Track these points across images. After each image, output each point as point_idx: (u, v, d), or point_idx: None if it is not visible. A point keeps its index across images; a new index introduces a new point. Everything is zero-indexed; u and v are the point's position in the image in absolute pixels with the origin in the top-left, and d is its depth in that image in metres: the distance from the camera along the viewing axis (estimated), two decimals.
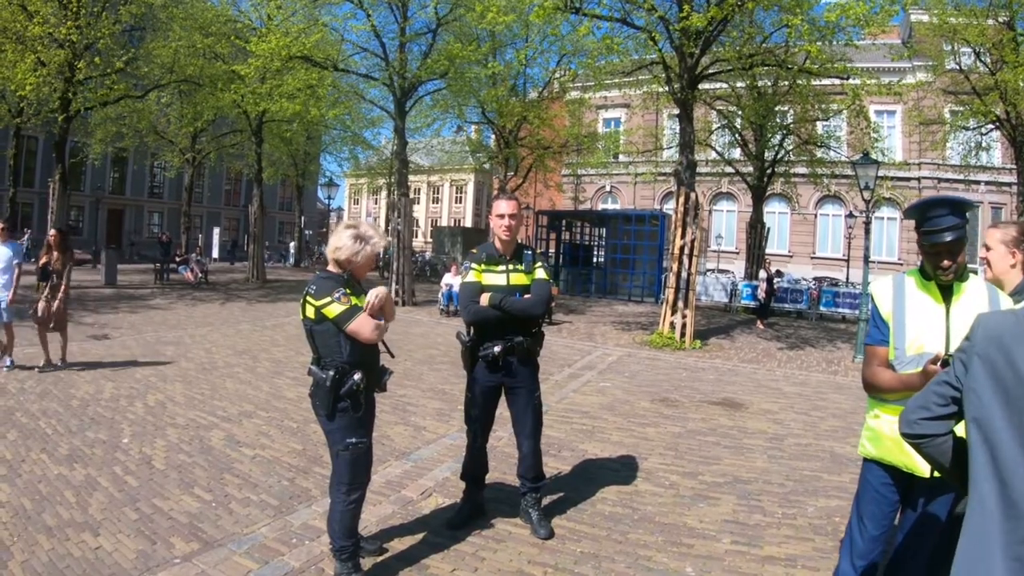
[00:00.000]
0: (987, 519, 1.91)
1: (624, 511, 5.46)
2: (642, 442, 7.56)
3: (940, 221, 3.03)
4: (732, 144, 29.12)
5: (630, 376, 11.95)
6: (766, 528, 5.03)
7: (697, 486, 6.18)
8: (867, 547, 3.25)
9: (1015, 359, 1.89)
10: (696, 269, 16.66)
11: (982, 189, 38.79)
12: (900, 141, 40.45)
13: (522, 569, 4.44)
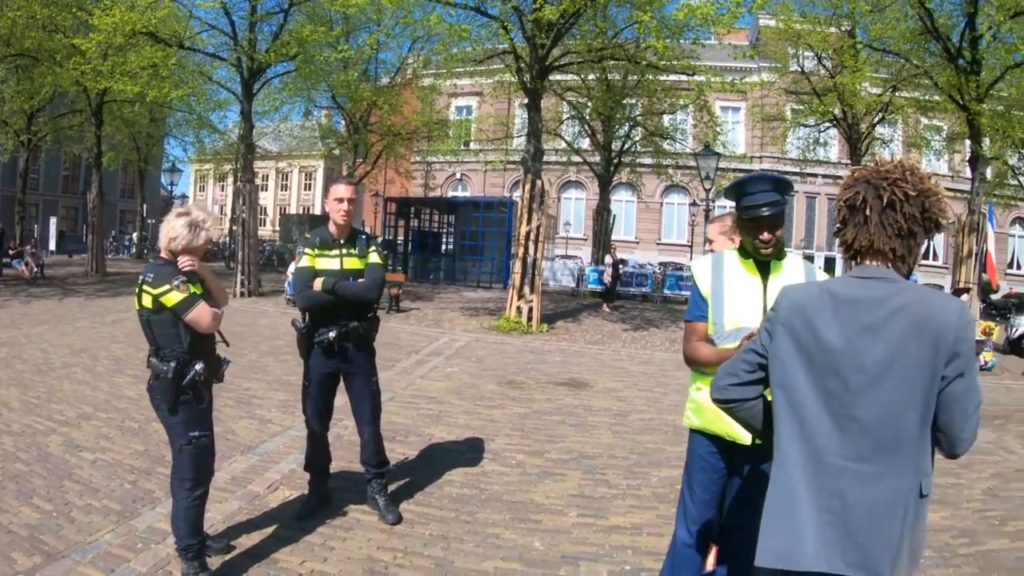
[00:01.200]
0: (794, 477, 2.25)
1: (472, 492, 5.70)
2: (489, 424, 7.85)
3: (759, 197, 3.30)
4: (581, 134, 30.01)
5: (477, 361, 12.25)
6: (611, 500, 5.38)
7: (543, 464, 6.52)
8: (699, 513, 3.57)
9: (817, 328, 2.22)
10: (542, 255, 17.15)
11: (819, 181, 41.94)
12: (744, 135, 43.24)
13: (371, 556, 4.60)
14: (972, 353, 2.17)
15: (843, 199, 2.34)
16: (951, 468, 7.88)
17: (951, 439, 2.18)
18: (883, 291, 2.19)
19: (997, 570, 5.21)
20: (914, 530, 2.17)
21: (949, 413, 2.15)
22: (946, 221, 2.34)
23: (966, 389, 2.14)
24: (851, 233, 2.30)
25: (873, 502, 2.14)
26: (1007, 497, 7.12)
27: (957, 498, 6.81)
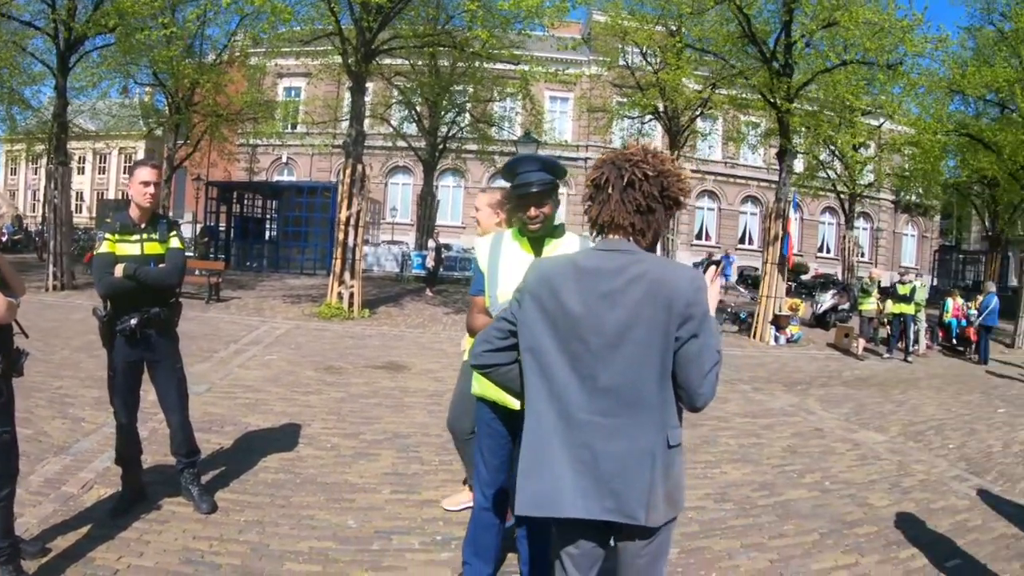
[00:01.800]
0: (547, 432, 2.44)
1: (287, 477, 5.69)
2: (305, 410, 7.82)
3: (530, 175, 3.50)
4: (408, 119, 29.86)
5: (296, 348, 12.12)
6: (424, 476, 5.50)
7: (358, 445, 6.60)
8: (491, 477, 3.76)
9: (561, 296, 2.41)
10: (362, 240, 17.04)
11: None
12: (570, 125, 44.12)
13: (188, 546, 4.52)
14: (705, 316, 2.39)
15: (590, 178, 2.54)
16: (754, 430, 8.59)
17: (690, 394, 2.39)
18: (622, 261, 2.39)
19: (795, 516, 5.76)
20: (667, 478, 2.40)
21: (686, 371, 2.36)
22: (685, 199, 2.57)
23: (700, 349, 2.35)
24: (595, 209, 2.49)
25: (621, 453, 2.36)
26: (805, 453, 7.82)
27: (758, 456, 7.43)
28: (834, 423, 9.60)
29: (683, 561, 4.74)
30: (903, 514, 6.19)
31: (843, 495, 6.49)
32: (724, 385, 11.28)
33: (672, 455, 2.42)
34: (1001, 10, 23.88)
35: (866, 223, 52.66)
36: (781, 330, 17.91)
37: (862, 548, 5.32)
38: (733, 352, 15.41)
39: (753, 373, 13.14)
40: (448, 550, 4.56)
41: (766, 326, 17.89)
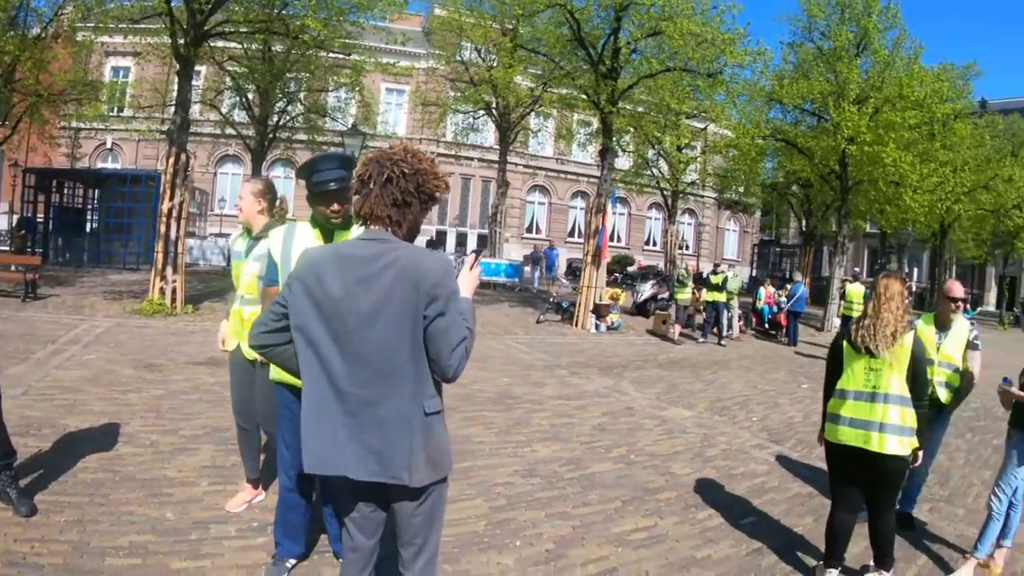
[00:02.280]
0: (319, 402, 2.73)
1: (106, 475, 5.64)
2: (124, 408, 7.68)
3: (328, 173, 3.77)
4: (239, 106, 28.84)
5: (116, 346, 11.73)
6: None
7: (177, 441, 6.59)
8: (293, 458, 3.91)
9: (324, 280, 2.67)
10: (185, 232, 16.55)
11: (475, 164, 44.01)
12: (405, 118, 44.20)
13: (9, 549, 4.42)
14: (452, 296, 2.70)
15: (357, 175, 2.82)
16: (567, 411, 9.10)
17: (440, 367, 2.70)
18: (378, 249, 2.68)
19: (599, 487, 6.24)
20: (427, 443, 2.73)
21: (435, 346, 2.67)
22: (441, 195, 2.90)
23: (447, 326, 2.66)
24: (360, 202, 2.77)
25: (381, 420, 2.66)
26: (614, 430, 8.38)
27: (568, 434, 7.91)
28: (645, 402, 10.27)
29: (489, 531, 5.06)
30: (704, 480, 6.82)
31: (647, 466, 7.05)
32: (541, 371, 11.87)
33: (430, 422, 2.74)
34: (821, 30, 25.74)
35: (691, 218, 55.53)
36: (601, 318, 18.71)
37: (661, 511, 5.85)
38: (554, 340, 16.16)
39: (572, 359, 13.67)
40: (264, 535, 4.68)
41: (587, 315, 18.63)
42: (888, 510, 4.84)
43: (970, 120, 32.79)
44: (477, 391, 9.56)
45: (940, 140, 26.82)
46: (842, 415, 4.64)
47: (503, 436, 7.49)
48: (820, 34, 25.94)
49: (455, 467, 6.02)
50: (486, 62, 27.12)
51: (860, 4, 24.58)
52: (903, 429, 4.50)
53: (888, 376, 4.53)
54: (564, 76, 20.75)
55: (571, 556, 4.81)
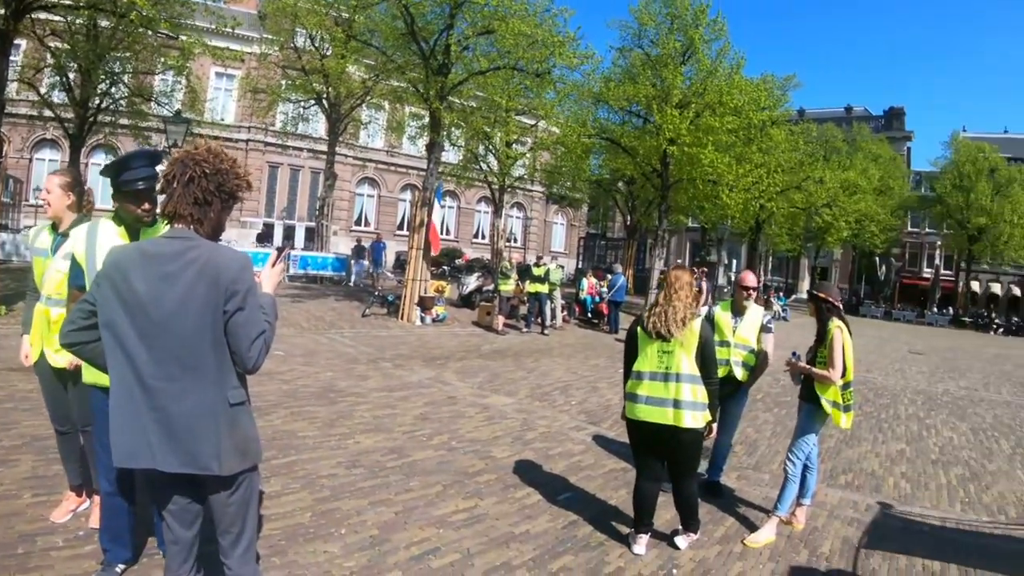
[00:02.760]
0: (127, 396, 2.79)
1: None
2: None
3: (139, 172, 3.76)
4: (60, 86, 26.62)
5: None
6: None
7: None
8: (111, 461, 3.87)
9: (130, 278, 2.74)
10: None
11: (304, 155, 42.95)
12: (234, 105, 42.30)
13: None
14: (250, 291, 2.82)
15: (163, 175, 2.89)
16: (390, 402, 9.24)
17: (241, 359, 2.82)
18: (180, 247, 2.77)
19: (420, 474, 6.43)
20: (233, 432, 2.84)
21: (236, 339, 2.79)
22: (242, 194, 3.03)
23: (246, 320, 2.79)
24: (164, 201, 2.86)
25: (187, 412, 2.76)
26: (436, 419, 8.58)
27: (391, 425, 8.05)
28: (467, 391, 10.53)
29: (315, 522, 5.14)
30: (522, 462, 7.14)
31: (468, 451, 7.30)
32: (366, 364, 11.89)
33: (235, 412, 2.85)
34: (651, 37, 26.83)
35: (519, 212, 56.48)
36: (427, 311, 18.86)
37: (481, 493, 6.11)
38: (379, 333, 16.13)
39: (396, 351, 13.75)
40: (91, 543, 4.54)
41: (412, 308, 18.74)
42: (689, 478, 5.31)
43: (786, 126, 35.27)
44: (301, 386, 9.51)
45: (757, 144, 28.64)
46: (639, 394, 5.08)
47: (327, 429, 7.52)
48: (649, 41, 27.02)
49: (280, 462, 6.17)
50: (319, 51, 26.59)
51: (689, 15, 25.87)
52: (695, 404, 4.97)
53: (679, 357, 4.97)
54: (396, 69, 20.71)
55: (394, 540, 4.97)
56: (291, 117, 31.23)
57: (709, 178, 25.30)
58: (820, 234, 46.12)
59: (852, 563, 5.56)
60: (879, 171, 50.93)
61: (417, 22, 18.52)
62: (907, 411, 12.76)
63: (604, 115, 29.52)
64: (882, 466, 8.68)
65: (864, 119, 65.99)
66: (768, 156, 31.48)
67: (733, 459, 8.09)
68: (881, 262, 61.39)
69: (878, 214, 49.16)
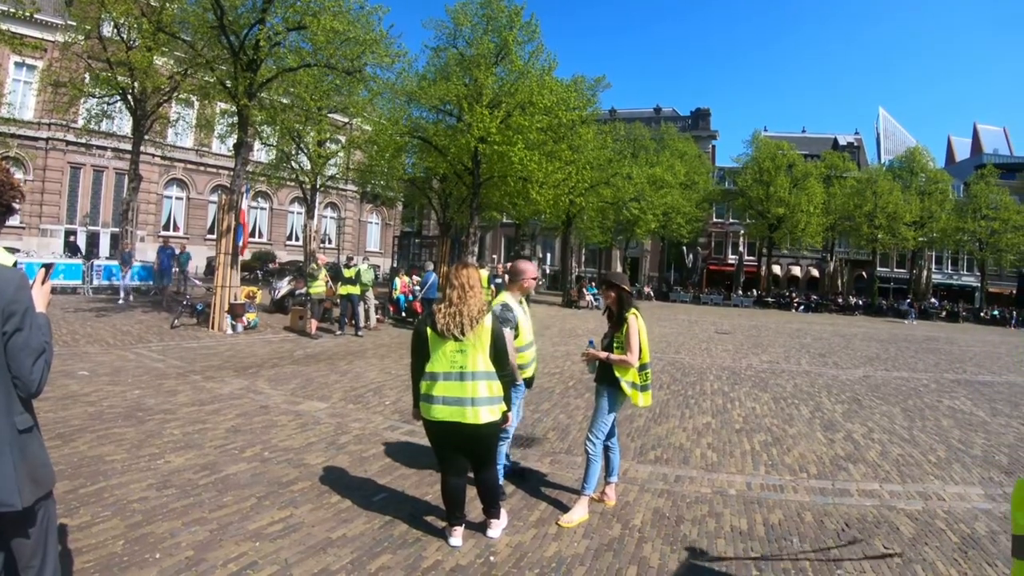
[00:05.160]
0: None
1: None
2: None
3: None
4: None
5: None
6: None
7: None
8: None
9: None
10: None
11: (109, 155, 39.88)
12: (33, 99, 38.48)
13: None
14: (28, 311, 2.70)
15: None
16: (200, 416, 9.01)
17: (24, 382, 2.70)
18: None
19: (234, 488, 6.34)
20: (25, 460, 2.71)
21: (17, 362, 2.67)
22: (18, 205, 2.92)
23: (26, 341, 2.67)
24: None
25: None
26: (248, 430, 8.46)
27: (202, 440, 7.85)
28: (280, 399, 10.41)
29: (128, 549, 4.98)
30: (336, 467, 7.19)
31: (281, 461, 7.27)
32: (175, 379, 11.48)
33: (25, 439, 2.72)
34: (466, 37, 27.02)
35: (333, 212, 55.64)
36: (238, 318, 18.34)
37: (296, 502, 6.12)
38: (189, 344, 15.57)
39: (207, 363, 13.37)
40: None
41: (223, 315, 18.15)
42: (490, 468, 5.52)
43: (596, 126, 36.56)
44: (108, 407, 9.05)
45: (567, 142, 29.67)
46: (435, 395, 5.13)
47: (135, 451, 7.24)
48: (464, 41, 27.46)
49: (88, 490, 6.00)
50: (126, 42, 24.94)
51: (504, 18, 26.39)
52: (492, 399, 5.16)
53: (474, 356, 5.11)
54: (205, 64, 19.90)
55: (210, 559, 4.91)
56: (94, 114, 28.98)
57: (520, 175, 25.97)
58: (630, 226, 48.39)
59: (664, 531, 5.98)
60: (685, 167, 54.47)
61: (228, 15, 17.94)
62: (713, 387, 13.74)
63: (417, 114, 29.73)
64: (689, 439, 9.33)
65: (672, 119, 70.04)
66: (578, 154, 32.78)
67: (546, 444, 8.50)
68: (688, 251, 65.59)
69: (684, 207, 52.65)
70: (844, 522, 6.44)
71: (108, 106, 28.71)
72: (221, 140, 33.01)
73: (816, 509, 6.75)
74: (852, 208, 55.05)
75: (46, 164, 38.72)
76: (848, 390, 14.20)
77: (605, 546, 5.62)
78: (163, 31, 19.68)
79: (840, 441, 9.68)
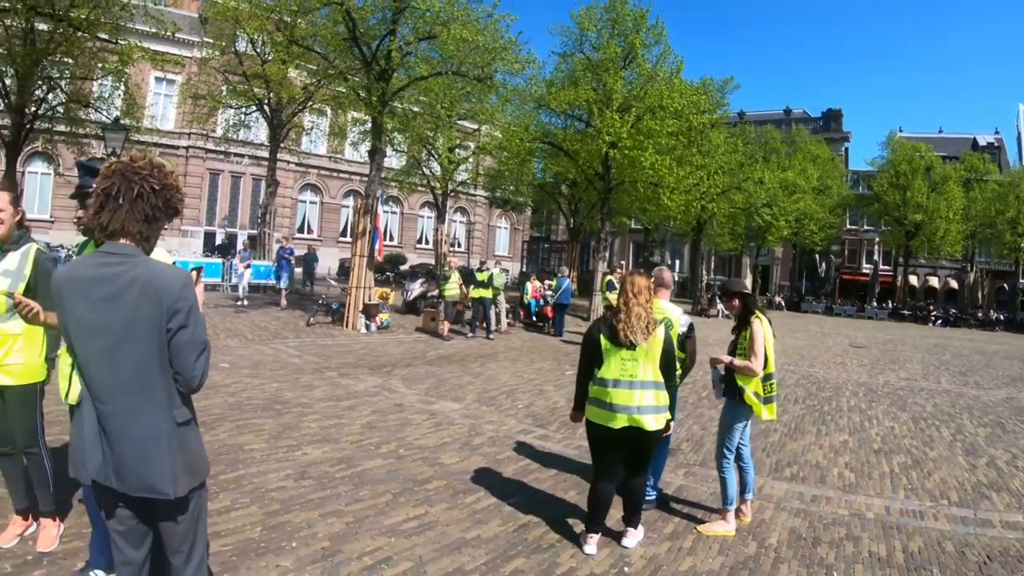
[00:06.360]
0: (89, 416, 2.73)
1: None
2: None
3: (81, 180, 3.77)
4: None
5: None
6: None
7: None
8: None
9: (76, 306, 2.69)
10: None
11: (246, 162, 42.09)
12: (174, 111, 41.44)
13: None
14: (192, 309, 2.79)
15: (100, 188, 2.76)
16: (337, 412, 9.17)
17: (185, 378, 2.79)
18: (120, 268, 2.69)
19: (370, 483, 6.39)
20: (183, 452, 2.80)
21: (180, 358, 2.76)
22: (182, 207, 2.97)
23: (190, 338, 2.76)
24: (107, 216, 2.73)
25: (140, 436, 2.71)
26: (384, 427, 8.54)
27: (338, 434, 7.99)
28: (414, 398, 10.51)
29: (265, 536, 5.08)
30: (470, 467, 7.15)
31: (416, 459, 7.29)
32: (312, 374, 11.80)
33: (183, 432, 2.82)
34: (592, 42, 26.98)
35: (463, 216, 56.45)
36: (371, 318, 18.76)
37: (431, 500, 6.10)
38: (324, 342, 16.01)
39: (342, 360, 13.65)
40: (40, 567, 4.42)
41: (357, 315, 18.62)
42: (642, 475, 5.42)
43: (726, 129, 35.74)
44: (247, 399, 9.39)
45: (697, 146, 29.10)
46: (605, 401, 5.10)
47: (274, 442, 7.45)
48: (590, 46, 27.23)
49: (228, 476, 6.10)
50: (261, 56, 26.21)
51: (629, 21, 26.09)
52: (658, 408, 5.10)
53: (643, 365, 5.07)
54: (338, 75, 20.49)
55: (346, 551, 4.93)
56: (232, 123, 30.58)
57: (650, 180, 25.55)
58: (761, 233, 46.82)
59: (800, 553, 5.67)
60: (818, 171, 52.13)
61: (359, 27, 18.37)
62: (849, 403, 13.06)
63: (547, 119, 29.67)
64: (826, 457, 8.87)
65: (803, 121, 67.18)
66: (708, 158, 32.04)
67: (680, 456, 8.22)
68: (821, 259, 62.94)
69: (817, 213, 50.34)
70: (986, 554, 5.90)
71: (245, 116, 30.16)
72: (354, 147, 33.97)
73: (957, 539, 6.23)
74: (993, 214, 50.49)
75: (186, 170, 41.03)
76: (991, 412, 13.18)
77: (741, 564, 5.37)
78: (296, 44, 20.34)
79: (983, 467, 8.93)
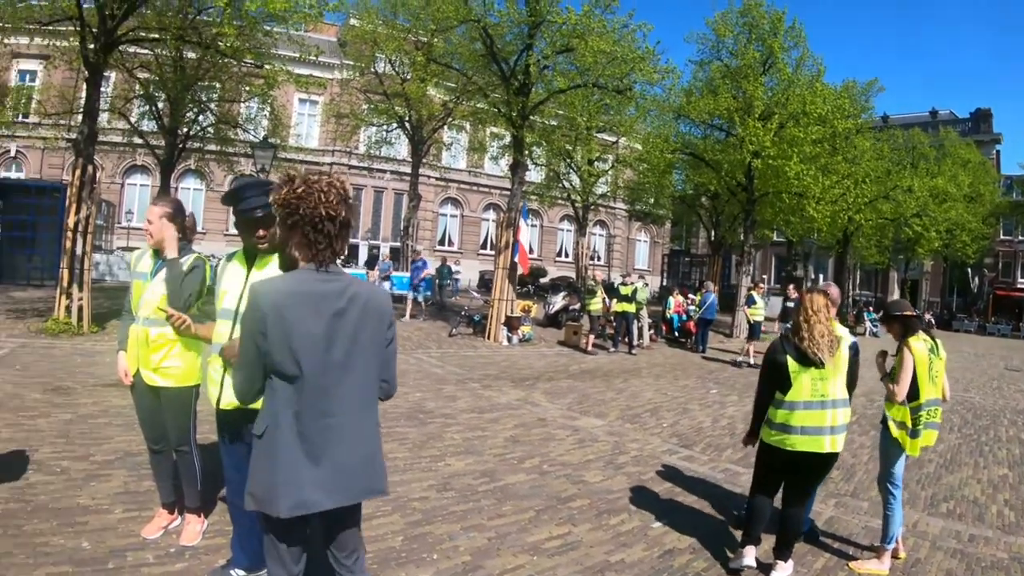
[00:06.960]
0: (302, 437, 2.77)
1: (18, 505, 5.47)
2: (33, 434, 7.42)
3: (252, 201, 3.86)
4: (148, 115, 27.69)
5: (22, 368, 11.26)
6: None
7: (89, 467, 6.39)
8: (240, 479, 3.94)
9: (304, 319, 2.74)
10: (91, 248, 15.92)
11: (388, 177, 43.87)
12: (318, 130, 43.91)
13: None
14: (393, 323, 3.01)
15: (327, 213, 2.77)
16: (480, 424, 9.22)
17: (390, 385, 3.05)
18: (339, 284, 2.81)
19: (513, 498, 6.37)
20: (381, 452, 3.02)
21: (388, 368, 3.00)
22: None
23: (395, 350, 3.02)
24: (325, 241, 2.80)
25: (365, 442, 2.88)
26: (527, 441, 8.51)
27: (481, 447, 8.03)
28: (557, 412, 10.47)
29: (406, 547, 5.12)
30: (615, 487, 7.02)
31: (560, 475, 7.22)
32: (454, 385, 11.99)
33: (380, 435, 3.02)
34: (729, 49, 26.56)
35: (602, 230, 56.41)
36: (513, 330, 18.93)
37: (575, 519, 6.01)
38: (466, 353, 16.27)
39: (484, 372, 13.80)
40: (182, 560, 4.62)
41: (499, 327, 18.85)
42: (803, 503, 5.25)
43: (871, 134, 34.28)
44: (390, 407, 9.50)
45: (842, 153, 28.00)
46: (793, 425, 4.94)
47: (417, 451, 7.55)
48: (728, 53, 26.81)
49: None
50: (400, 75, 27.13)
51: (766, 24, 25.52)
52: (845, 427, 5.02)
53: (833, 383, 4.93)
54: (477, 91, 20.87)
55: (487, 567, 4.91)
56: (374, 140, 31.81)
57: (795, 191, 24.75)
58: (910, 245, 44.20)
59: None
60: (969, 177, 48.49)
61: (496, 43, 18.65)
62: (1008, 433, 12.14)
63: (686, 129, 29.34)
64: (984, 493, 8.23)
65: (950, 123, 63.14)
66: (854, 166, 30.75)
67: (830, 485, 7.81)
68: (973, 273, 58.75)
69: (969, 222, 46.77)
70: None
71: (387, 133, 31.13)
72: (493, 161, 34.62)
73: None
74: None
75: None
76: None
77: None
78: (435, 62, 20.75)
79: None
